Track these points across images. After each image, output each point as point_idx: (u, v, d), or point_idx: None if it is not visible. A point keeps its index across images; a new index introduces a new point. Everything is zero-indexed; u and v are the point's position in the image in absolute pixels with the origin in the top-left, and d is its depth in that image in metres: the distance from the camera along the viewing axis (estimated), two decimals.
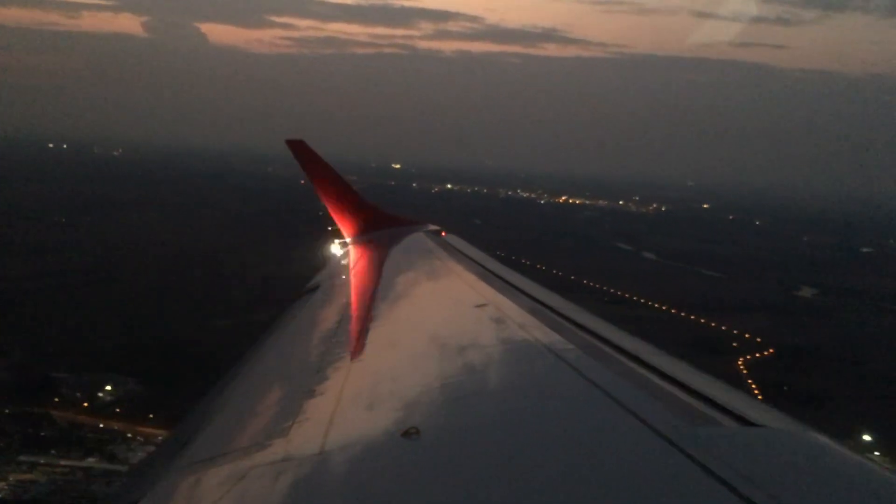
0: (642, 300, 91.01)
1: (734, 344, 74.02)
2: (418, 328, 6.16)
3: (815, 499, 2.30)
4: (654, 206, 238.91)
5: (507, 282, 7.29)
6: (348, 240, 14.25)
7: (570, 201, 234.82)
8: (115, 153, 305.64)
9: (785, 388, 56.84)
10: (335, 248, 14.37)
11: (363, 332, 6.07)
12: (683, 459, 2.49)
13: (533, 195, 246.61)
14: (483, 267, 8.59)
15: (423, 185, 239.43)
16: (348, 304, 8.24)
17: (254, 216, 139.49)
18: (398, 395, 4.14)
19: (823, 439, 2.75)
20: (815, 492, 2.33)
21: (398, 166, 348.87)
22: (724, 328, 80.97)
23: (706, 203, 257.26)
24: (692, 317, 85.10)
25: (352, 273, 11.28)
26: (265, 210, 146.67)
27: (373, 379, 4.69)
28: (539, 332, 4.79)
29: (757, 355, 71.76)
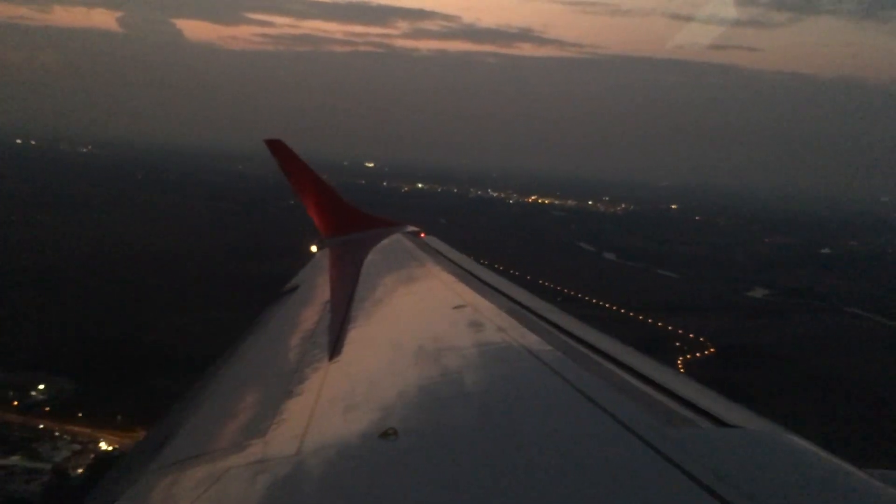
0: (594, 300, 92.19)
1: (677, 343, 75.27)
2: (396, 329, 6.15)
3: (790, 500, 2.32)
4: (623, 206, 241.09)
5: (485, 283, 7.34)
6: (327, 240, 14.16)
7: (540, 201, 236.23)
8: (84, 150, 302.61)
9: (713, 386, 57.79)
10: (314, 249, 14.27)
11: (341, 333, 6.04)
12: (660, 461, 2.52)
13: (503, 195, 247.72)
14: (462, 268, 8.64)
15: (395, 184, 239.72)
16: (326, 305, 8.17)
17: (212, 215, 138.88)
18: (376, 396, 4.14)
19: (799, 441, 2.79)
20: (791, 493, 2.35)
21: (371, 165, 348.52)
22: (670, 328, 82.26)
23: (675, 204, 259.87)
24: (640, 316, 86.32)
25: (330, 274, 11.33)
26: (224, 209, 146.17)
27: (351, 380, 4.69)
28: (517, 334, 4.83)
29: (697, 354, 73.13)
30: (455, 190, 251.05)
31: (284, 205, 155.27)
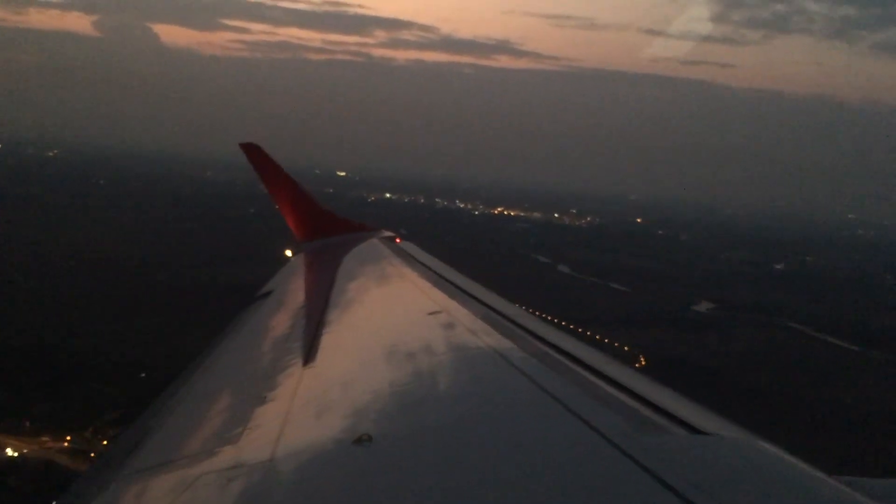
0: (538, 313, 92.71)
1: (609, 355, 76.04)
2: (371, 334, 6.12)
3: None
4: (589, 219, 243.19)
5: (461, 289, 7.31)
6: (302, 244, 14.05)
7: (506, 213, 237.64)
8: (51, 154, 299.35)
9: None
10: (288, 253, 14.22)
11: (316, 338, 5.97)
12: (635, 468, 2.52)
13: (469, 206, 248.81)
14: (437, 274, 8.62)
15: (363, 193, 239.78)
16: (301, 310, 8.13)
17: (161, 222, 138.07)
18: (350, 401, 4.11)
19: (773, 448, 2.80)
20: (765, 500, 2.37)
21: (343, 174, 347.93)
22: (607, 341, 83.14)
23: (640, 217, 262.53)
24: (580, 329, 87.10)
25: (305, 278, 11.39)
26: (177, 216, 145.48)
27: (325, 385, 4.65)
28: (492, 340, 4.82)
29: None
30: (422, 200, 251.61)
31: (242, 213, 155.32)
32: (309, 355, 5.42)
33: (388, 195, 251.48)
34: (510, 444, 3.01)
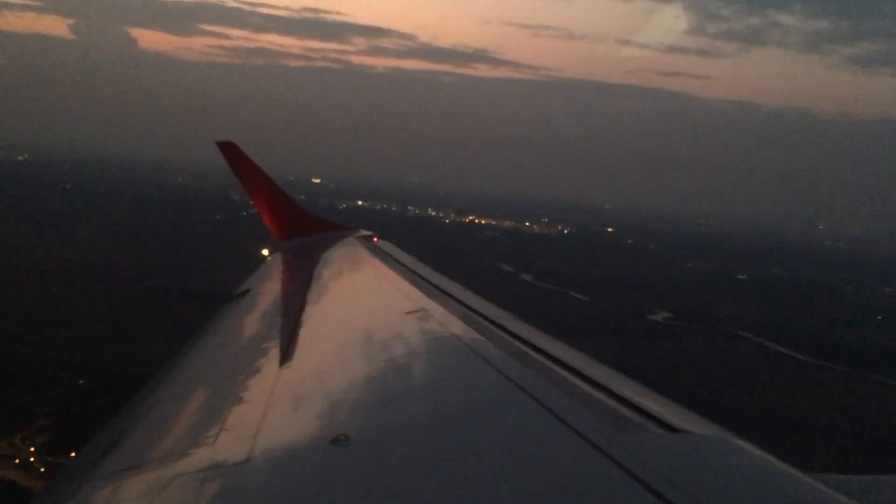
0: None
1: None
2: (349, 334, 6.06)
3: (737, 503, 2.36)
4: (560, 228, 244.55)
5: (438, 288, 7.34)
6: (279, 243, 14.06)
7: (476, 221, 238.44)
8: (21, 158, 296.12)
9: None
10: (265, 252, 14.19)
11: (293, 337, 5.98)
12: (610, 465, 2.54)
13: (441, 214, 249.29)
14: (415, 273, 8.72)
15: (334, 200, 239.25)
16: (278, 309, 8.10)
17: (126, 227, 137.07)
18: (328, 401, 4.09)
19: (747, 445, 2.83)
20: (740, 497, 2.39)
21: (318, 181, 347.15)
22: None
23: (611, 227, 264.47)
24: None
25: (282, 277, 11.33)
26: (144, 221, 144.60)
27: (302, 385, 4.64)
28: (469, 339, 4.82)
29: None
30: (394, 208, 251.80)
31: (205, 219, 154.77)
32: (286, 355, 5.44)
33: (360, 203, 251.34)
34: (488, 443, 3.04)
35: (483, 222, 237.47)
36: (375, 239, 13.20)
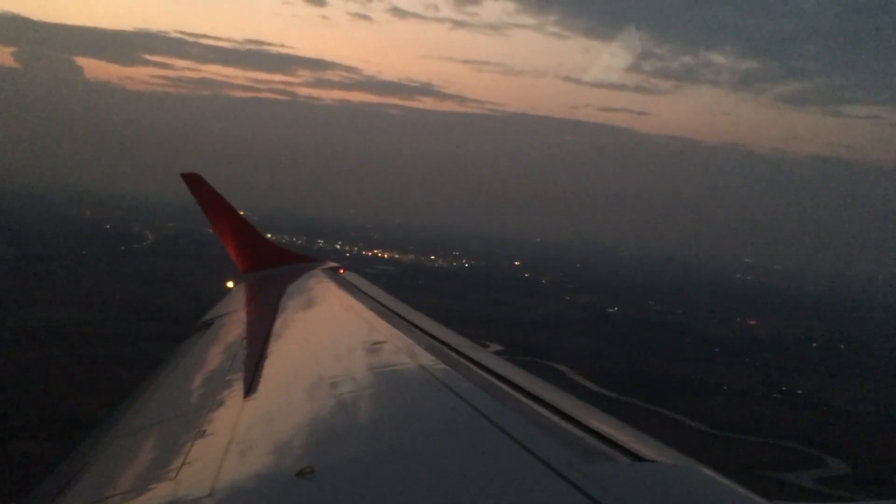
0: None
1: None
2: (314, 366, 5.98)
3: None
4: (464, 262, 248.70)
5: (406, 319, 7.35)
6: (244, 276, 14.00)
7: (379, 254, 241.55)
8: None
9: None
10: (230, 284, 14.12)
11: (257, 369, 5.90)
12: (577, 495, 2.52)
13: (347, 247, 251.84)
14: (382, 304, 8.64)
15: None
16: (242, 341, 7.99)
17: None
18: (292, 434, 4.06)
19: (712, 474, 2.85)
20: None
21: (242, 213, 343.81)
22: None
23: (518, 260, 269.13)
24: None
25: (247, 309, 11.15)
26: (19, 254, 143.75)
27: (267, 418, 4.60)
28: (437, 370, 4.80)
29: None
30: (302, 241, 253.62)
31: (73, 252, 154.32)
32: (251, 387, 5.38)
33: (269, 235, 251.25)
34: (454, 474, 3.05)
35: (385, 256, 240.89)
36: (342, 270, 13.19)
